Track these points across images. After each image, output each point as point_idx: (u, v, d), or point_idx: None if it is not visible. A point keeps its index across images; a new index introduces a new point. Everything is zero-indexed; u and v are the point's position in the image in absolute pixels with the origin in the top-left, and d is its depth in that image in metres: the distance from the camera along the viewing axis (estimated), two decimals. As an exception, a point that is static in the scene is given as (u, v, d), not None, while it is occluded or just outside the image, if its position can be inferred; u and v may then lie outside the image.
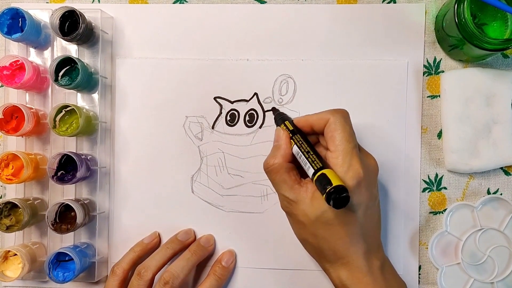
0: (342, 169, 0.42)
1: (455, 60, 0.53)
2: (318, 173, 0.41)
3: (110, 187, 0.55)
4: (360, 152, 0.44)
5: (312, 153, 0.43)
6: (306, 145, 0.44)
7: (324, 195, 0.39)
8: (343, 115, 0.44)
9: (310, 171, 0.42)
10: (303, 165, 0.43)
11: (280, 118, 0.48)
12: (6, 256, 0.52)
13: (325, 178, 0.40)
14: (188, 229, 0.53)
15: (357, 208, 0.42)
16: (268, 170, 0.45)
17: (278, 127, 0.47)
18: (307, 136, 0.46)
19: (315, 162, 0.42)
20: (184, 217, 0.54)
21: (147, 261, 0.50)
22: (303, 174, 0.45)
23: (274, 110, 0.52)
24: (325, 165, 0.42)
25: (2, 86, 0.56)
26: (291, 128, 0.46)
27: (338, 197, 0.39)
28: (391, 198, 0.52)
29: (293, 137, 0.45)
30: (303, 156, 0.43)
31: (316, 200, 0.42)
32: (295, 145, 0.45)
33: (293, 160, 0.45)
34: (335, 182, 0.39)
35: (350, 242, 0.43)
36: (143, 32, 0.55)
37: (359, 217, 0.43)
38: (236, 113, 0.54)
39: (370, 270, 0.43)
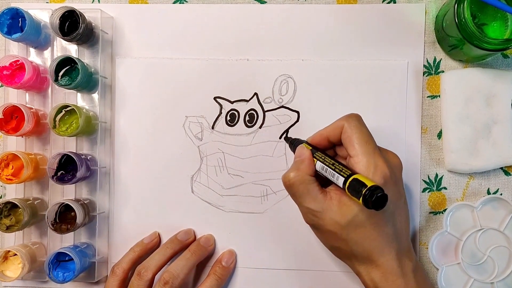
0: (368, 170, 0.41)
1: (455, 60, 0.53)
2: (350, 179, 0.40)
3: (110, 187, 0.55)
4: (381, 151, 0.44)
5: (337, 164, 0.43)
6: (329, 159, 0.44)
7: (360, 198, 0.39)
8: (357, 118, 0.44)
9: (340, 180, 0.41)
10: (330, 177, 0.43)
11: (296, 142, 0.48)
12: (6, 256, 0.52)
13: (358, 182, 0.39)
14: (188, 229, 0.53)
15: (386, 207, 0.41)
16: (290, 182, 0.44)
17: (300, 145, 0.47)
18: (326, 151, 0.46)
19: (343, 171, 0.41)
20: (184, 217, 0.54)
21: (147, 261, 0.50)
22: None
23: (286, 139, 0.51)
24: (353, 171, 0.41)
25: (2, 86, 0.56)
26: (309, 148, 0.46)
27: (377, 197, 0.38)
28: (391, 198, 0.52)
29: (315, 154, 0.45)
30: (329, 168, 0.43)
31: (344, 205, 0.42)
32: (318, 161, 0.44)
33: (315, 176, 0.45)
34: (369, 184, 0.39)
35: (383, 242, 0.42)
36: (143, 32, 0.55)
37: (389, 216, 0.43)
38: (236, 113, 0.54)
39: (403, 272, 0.43)
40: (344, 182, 0.41)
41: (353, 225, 0.42)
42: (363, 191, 0.38)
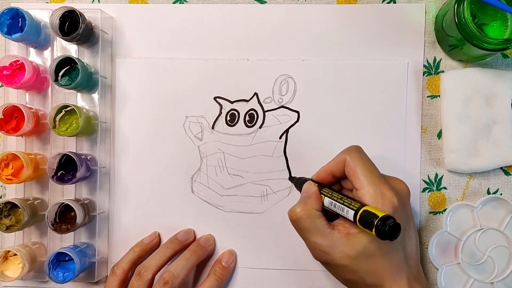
0: (376, 201, 0.41)
1: (455, 60, 0.53)
2: (360, 211, 0.40)
3: (110, 187, 0.55)
4: (386, 179, 0.44)
5: (345, 198, 0.43)
6: (337, 194, 0.44)
7: (373, 230, 0.39)
8: (357, 150, 0.45)
9: (350, 214, 0.41)
10: (339, 212, 0.43)
11: (301, 181, 0.48)
12: (6, 256, 0.52)
13: (369, 214, 0.39)
14: (188, 229, 0.53)
15: None
16: (297, 217, 0.44)
17: (307, 182, 0.47)
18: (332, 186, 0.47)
19: (352, 204, 0.41)
20: (184, 217, 0.54)
21: (147, 261, 0.50)
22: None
23: (291, 178, 0.52)
24: (362, 203, 0.41)
25: (2, 86, 0.56)
26: (316, 184, 0.46)
27: (390, 226, 0.38)
28: (391, 198, 0.52)
29: (322, 190, 0.45)
30: (337, 203, 0.43)
31: (354, 237, 0.42)
32: (325, 197, 0.44)
33: (322, 211, 0.45)
34: (380, 214, 0.39)
35: (394, 270, 0.42)
36: (143, 32, 0.55)
37: (399, 243, 0.43)
38: (236, 113, 0.54)
39: None
40: (355, 215, 0.41)
41: (364, 256, 0.42)
42: (375, 222, 0.38)
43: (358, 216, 0.40)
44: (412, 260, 0.45)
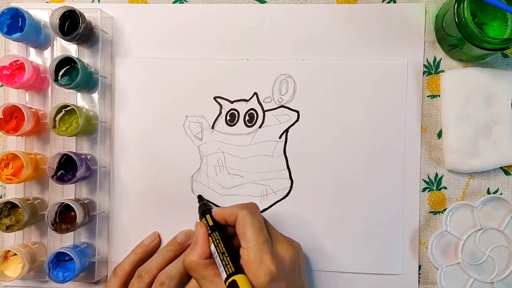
0: (254, 266, 0.42)
1: (455, 60, 0.53)
2: (229, 280, 0.42)
3: (110, 187, 0.55)
4: (276, 243, 0.45)
5: (226, 254, 0.44)
6: (222, 245, 0.45)
7: None
8: (251, 210, 0.45)
9: (223, 275, 0.43)
10: (218, 267, 0.44)
11: (202, 211, 0.49)
12: (6, 256, 0.52)
13: (235, 286, 0.41)
14: (187, 230, 0.53)
15: None
16: (187, 268, 0.45)
17: (198, 221, 0.48)
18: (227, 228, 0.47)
19: (228, 266, 0.43)
20: (184, 217, 0.54)
21: (148, 263, 0.50)
22: None
23: (199, 198, 0.52)
24: (238, 268, 0.43)
25: (2, 86, 0.56)
26: (211, 223, 0.47)
27: None
28: (391, 198, 0.52)
29: (212, 234, 0.46)
30: (218, 257, 0.44)
31: None
32: (212, 243, 0.45)
33: (212, 255, 0.45)
34: None
35: None
36: (143, 32, 0.55)
37: None
38: (236, 112, 0.54)
39: None
40: (226, 280, 0.42)
41: None
42: None
43: (227, 283, 0.42)
44: None
